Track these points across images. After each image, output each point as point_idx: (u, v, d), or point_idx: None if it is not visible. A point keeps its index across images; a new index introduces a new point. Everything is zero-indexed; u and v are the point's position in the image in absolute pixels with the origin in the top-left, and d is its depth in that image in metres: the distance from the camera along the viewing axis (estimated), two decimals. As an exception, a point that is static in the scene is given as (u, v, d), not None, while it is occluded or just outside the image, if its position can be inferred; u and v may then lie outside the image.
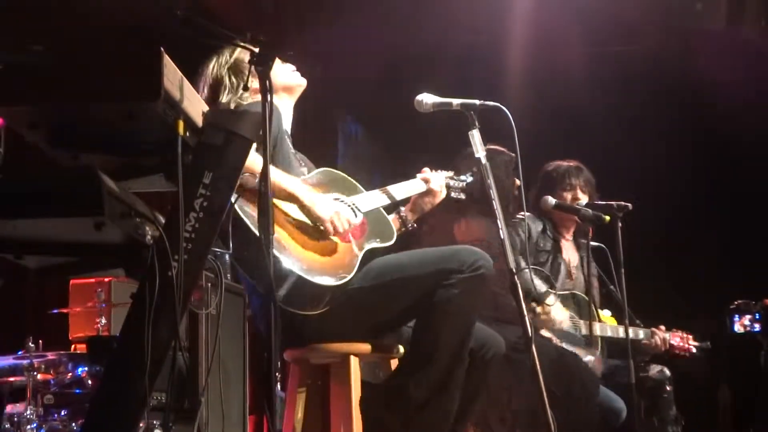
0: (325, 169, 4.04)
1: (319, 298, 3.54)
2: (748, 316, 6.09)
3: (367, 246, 3.78)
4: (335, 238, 3.70)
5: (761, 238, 7.34)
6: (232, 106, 3.90)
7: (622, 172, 7.28)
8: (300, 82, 4.10)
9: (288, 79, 4.08)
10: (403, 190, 4.16)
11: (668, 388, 5.35)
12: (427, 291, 3.67)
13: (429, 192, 4.21)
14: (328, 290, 3.53)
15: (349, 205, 3.86)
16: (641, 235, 5.63)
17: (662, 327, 5.57)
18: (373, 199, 4.02)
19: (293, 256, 3.51)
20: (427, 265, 3.72)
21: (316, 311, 3.56)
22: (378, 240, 3.84)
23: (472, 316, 3.74)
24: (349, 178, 4.05)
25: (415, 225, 4.27)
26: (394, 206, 4.18)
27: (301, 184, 3.72)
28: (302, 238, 3.64)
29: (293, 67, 4.11)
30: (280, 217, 3.64)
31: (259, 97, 3.81)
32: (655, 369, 5.38)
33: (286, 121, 4.04)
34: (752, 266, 7.09)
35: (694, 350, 5.67)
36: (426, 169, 4.24)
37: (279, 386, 5.13)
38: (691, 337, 5.69)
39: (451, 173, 4.38)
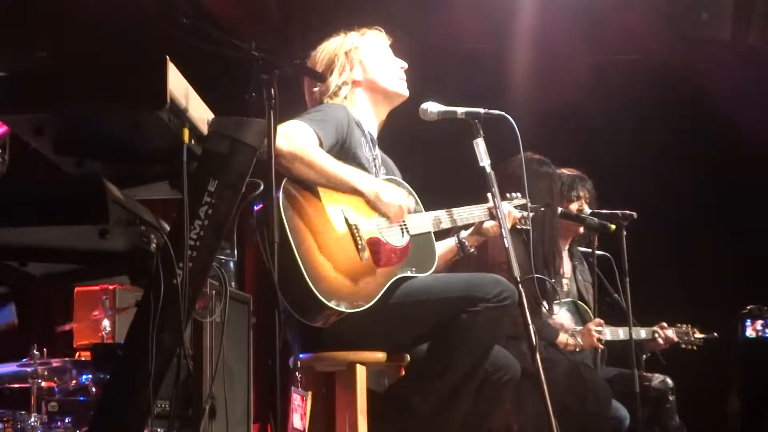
0: (390, 178, 3.96)
1: (326, 318, 3.53)
2: (761, 321, 6.07)
3: (400, 274, 3.71)
4: (367, 254, 3.65)
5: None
6: (332, 88, 3.89)
7: (628, 180, 7.27)
8: (401, 92, 4.01)
9: (390, 84, 3.99)
10: (463, 215, 4.04)
11: (671, 398, 5.33)
12: (450, 315, 3.64)
13: (495, 217, 4.02)
14: (338, 313, 3.50)
15: (399, 225, 3.81)
16: (647, 242, 5.62)
17: (664, 324, 5.57)
18: (428, 221, 3.92)
19: (317, 274, 3.47)
20: (453, 290, 3.69)
21: (323, 326, 3.55)
22: (414, 269, 3.77)
23: (491, 345, 3.73)
24: (412, 192, 3.96)
25: (475, 252, 4.18)
26: (453, 229, 4.09)
27: (360, 173, 3.69)
28: (337, 251, 3.58)
29: (403, 72, 4.01)
30: (323, 227, 3.59)
31: (355, 99, 3.92)
32: (657, 379, 5.35)
33: (371, 124, 3.98)
34: (762, 271, 7.06)
35: (700, 343, 5.68)
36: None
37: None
38: (696, 330, 5.71)
39: (520, 200, 4.24)
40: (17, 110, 2.49)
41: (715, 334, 5.81)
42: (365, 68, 3.96)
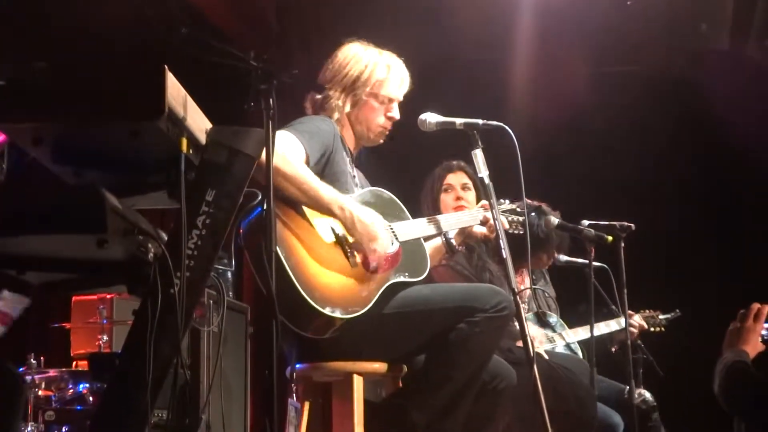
0: (374, 188, 3.96)
1: (323, 327, 3.50)
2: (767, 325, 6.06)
3: (393, 279, 3.71)
4: (358, 260, 3.64)
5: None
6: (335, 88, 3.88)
7: (626, 190, 7.28)
8: (375, 140, 4.03)
9: (372, 133, 4.00)
10: (452, 221, 4.07)
11: (654, 416, 5.32)
12: (448, 325, 3.65)
13: (486, 227, 4.07)
14: (335, 321, 3.48)
15: (388, 232, 3.79)
16: (645, 253, 5.61)
17: (631, 312, 5.62)
18: (416, 228, 3.92)
19: (309, 283, 3.46)
20: (451, 301, 3.70)
21: (321, 337, 3.53)
22: (407, 274, 3.77)
23: (490, 355, 3.73)
24: (398, 201, 3.96)
25: (462, 249, 4.16)
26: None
27: (341, 196, 3.64)
28: (327, 260, 3.57)
29: (390, 125, 4.01)
30: (310, 237, 3.58)
31: (342, 118, 3.92)
32: (639, 397, 5.33)
33: (351, 143, 3.99)
34: (761, 283, 7.05)
35: (666, 323, 5.91)
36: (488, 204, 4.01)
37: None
38: (659, 312, 5.93)
39: (513, 206, 4.24)
40: (16, 119, 2.49)
41: (677, 311, 5.92)
42: (367, 105, 3.95)
